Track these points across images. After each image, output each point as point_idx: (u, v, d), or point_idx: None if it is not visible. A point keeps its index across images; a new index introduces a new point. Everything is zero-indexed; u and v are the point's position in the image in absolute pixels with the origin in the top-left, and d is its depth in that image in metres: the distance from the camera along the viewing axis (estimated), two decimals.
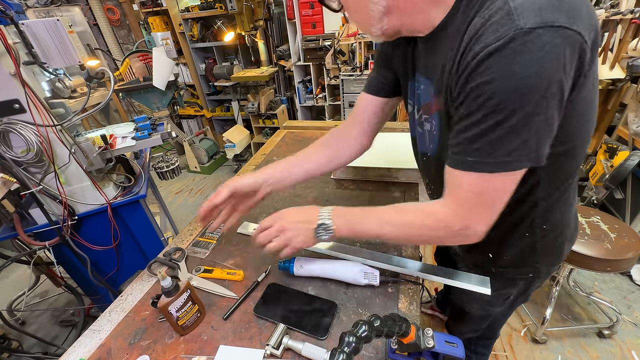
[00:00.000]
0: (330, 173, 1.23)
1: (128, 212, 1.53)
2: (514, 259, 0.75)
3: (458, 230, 0.57)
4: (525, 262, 0.75)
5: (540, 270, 0.77)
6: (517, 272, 0.78)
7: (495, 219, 0.55)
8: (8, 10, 1.16)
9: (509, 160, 0.49)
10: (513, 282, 0.80)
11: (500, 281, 0.78)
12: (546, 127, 0.48)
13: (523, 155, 0.49)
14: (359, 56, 2.65)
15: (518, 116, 0.45)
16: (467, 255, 0.85)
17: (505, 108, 0.45)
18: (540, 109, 0.45)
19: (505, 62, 0.43)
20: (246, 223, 1.01)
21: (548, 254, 0.75)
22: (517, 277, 0.79)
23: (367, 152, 0.94)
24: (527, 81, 0.43)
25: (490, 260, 0.77)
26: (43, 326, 2.07)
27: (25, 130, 1.15)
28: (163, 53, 2.62)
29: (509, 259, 0.75)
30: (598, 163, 2.16)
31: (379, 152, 1.19)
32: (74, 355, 0.69)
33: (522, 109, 0.45)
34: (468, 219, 0.56)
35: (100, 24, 3.84)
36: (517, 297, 0.85)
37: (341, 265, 0.78)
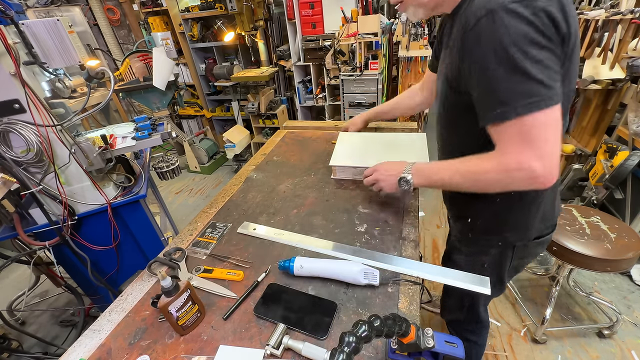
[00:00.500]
0: (330, 173, 1.24)
1: (128, 212, 1.53)
2: (487, 226, 0.89)
3: (514, 170, 0.64)
4: (496, 230, 0.88)
5: (508, 241, 0.88)
6: (489, 239, 0.90)
7: (548, 158, 0.61)
8: (8, 10, 1.16)
9: (528, 102, 0.59)
10: (485, 250, 0.93)
11: (473, 246, 0.95)
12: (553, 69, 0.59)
13: (542, 95, 0.58)
14: (359, 56, 2.65)
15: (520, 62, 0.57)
16: (455, 224, 1.01)
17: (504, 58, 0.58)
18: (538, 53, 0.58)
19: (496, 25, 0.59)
20: (246, 223, 1.01)
21: (517, 227, 0.86)
22: (488, 244, 0.91)
23: (367, 151, 1.21)
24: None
25: (468, 226, 0.92)
26: (43, 326, 2.07)
27: (25, 130, 1.15)
28: (163, 53, 2.62)
29: (483, 225, 0.89)
30: (598, 163, 2.16)
31: (379, 152, 1.20)
32: (74, 355, 0.69)
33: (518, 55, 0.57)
34: (519, 160, 0.63)
35: (100, 24, 3.85)
36: (490, 268, 0.95)
37: (341, 265, 0.78)
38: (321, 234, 0.95)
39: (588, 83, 2.15)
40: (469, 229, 0.93)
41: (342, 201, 1.09)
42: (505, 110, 0.61)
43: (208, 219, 1.07)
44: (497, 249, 0.91)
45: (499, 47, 0.58)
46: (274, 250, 0.91)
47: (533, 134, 0.60)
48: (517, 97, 0.59)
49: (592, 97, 2.45)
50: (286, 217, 1.04)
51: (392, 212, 1.01)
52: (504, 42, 0.57)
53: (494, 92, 0.62)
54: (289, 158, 1.42)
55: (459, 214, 0.97)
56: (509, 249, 0.90)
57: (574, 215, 1.58)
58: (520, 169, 0.63)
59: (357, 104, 2.87)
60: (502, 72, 0.59)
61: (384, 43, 2.72)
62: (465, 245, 1.00)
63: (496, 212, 0.85)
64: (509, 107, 0.60)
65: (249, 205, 1.12)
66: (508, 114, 0.61)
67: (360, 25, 2.57)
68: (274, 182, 1.25)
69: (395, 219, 0.98)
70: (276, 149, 1.53)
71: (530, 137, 0.61)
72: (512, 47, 0.57)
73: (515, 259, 0.92)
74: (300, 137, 1.62)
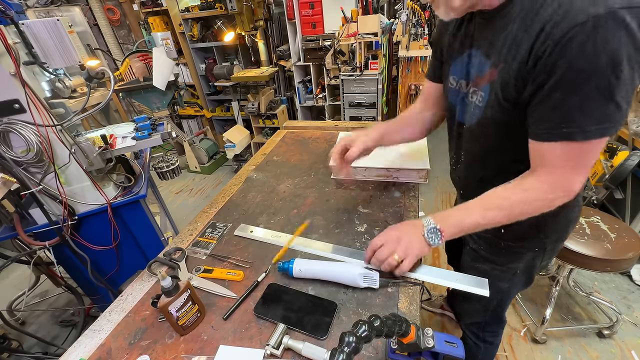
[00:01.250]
0: (330, 173, 1.24)
1: (128, 212, 1.53)
2: (523, 232, 0.81)
3: (561, 192, 0.62)
4: (533, 235, 0.81)
5: (545, 245, 0.83)
6: (523, 245, 0.84)
7: (586, 178, 0.61)
8: (8, 10, 1.16)
9: (599, 127, 0.54)
10: (519, 256, 0.86)
11: (506, 255, 0.87)
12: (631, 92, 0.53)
13: (614, 122, 0.54)
14: (359, 56, 2.65)
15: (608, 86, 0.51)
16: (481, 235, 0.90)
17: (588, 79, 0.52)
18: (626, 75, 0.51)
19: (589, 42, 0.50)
20: (243, 225, 1.01)
21: (555, 230, 0.81)
22: (523, 251, 0.85)
23: None
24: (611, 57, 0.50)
25: (499, 235, 0.83)
26: (43, 326, 2.07)
27: (25, 130, 1.15)
28: (163, 53, 2.63)
29: (518, 233, 0.81)
30: (598, 163, 2.16)
31: (378, 152, 1.19)
32: (74, 355, 0.69)
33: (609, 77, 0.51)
34: (566, 185, 0.61)
35: (100, 24, 3.85)
36: (522, 273, 0.90)
37: (340, 267, 0.78)
38: (321, 234, 0.95)
39: None
40: (500, 237, 0.84)
41: (342, 201, 1.09)
42: (573, 132, 0.55)
43: (208, 219, 1.07)
44: (532, 253, 0.86)
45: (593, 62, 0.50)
46: (274, 251, 0.91)
47: (587, 158, 0.58)
48: (591, 120, 0.54)
49: None
50: (286, 217, 1.04)
51: (392, 212, 1.01)
52: (600, 56, 0.50)
53: (567, 109, 0.55)
54: (289, 158, 1.42)
55: None
56: (542, 251, 0.86)
57: None
58: (566, 191, 0.62)
59: (357, 104, 2.87)
60: (586, 90, 0.53)
61: (384, 43, 2.72)
62: (493, 254, 0.90)
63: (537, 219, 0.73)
64: (578, 128, 0.55)
65: (249, 205, 1.12)
66: (575, 135, 0.55)
67: (360, 25, 2.57)
68: (274, 182, 1.25)
69: (395, 219, 0.98)
70: (276, 149, 1.53)
71: (584, 161, 0.59)
72: (608, 63, 0.50)
73: (545, 259, 0.90)
74: (300, 137, 1.62)
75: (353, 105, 2.89)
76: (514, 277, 0.91)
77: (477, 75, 0.70)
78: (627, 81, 0.51)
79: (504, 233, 0.83)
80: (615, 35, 0.48)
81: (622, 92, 0.52)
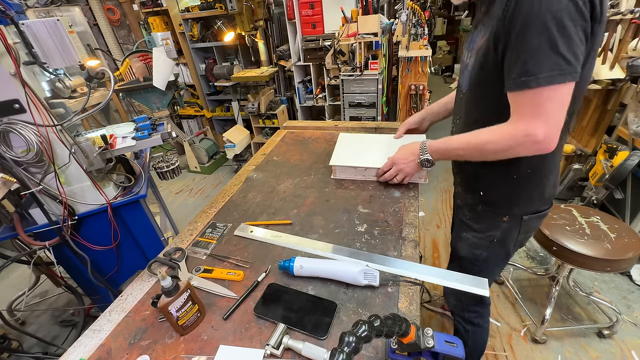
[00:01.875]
0: (330, 173, 1.24)
1: (128, 212, 1.53)
2: (498, 199, 0.94)
3: (522, 137, 0.72)
4: (505, 203, 0.94)
5: (516, 214, 0.94)
6: (498, 212, 0.96)
7: (553, 127, 0.70)
8: (8, 10, 1.16)
9: (548, 75, 0.65)
10: (497, 224, 0.97)
11: (485, 222, 1.00)
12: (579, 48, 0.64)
13: (564, 71, 0.64)
14: (359, 56, 2.65)
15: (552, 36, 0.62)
16: (465, 195, 1.05)
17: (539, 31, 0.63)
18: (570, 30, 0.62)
19: None
20: (243, 225, 1.01)
21: (525, 201, 0.92)
22: (499, 219, 0.96)
23: (367, 152, 1.22)
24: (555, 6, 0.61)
25: (480, 199, 0.97)
26: (43, 326, 2.07)
27: (25, 130, 1.15)
28: (163, 53, 2.63)
29: (494, 198, 0.95)
30: (598, 163, 2.16)
31: (378, 152, 1.20)
32: (74, 355, 0.69)
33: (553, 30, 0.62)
34: (528, 127, 0.71)
35: (100, 24, 3.85)
36: (499, 242, 1.00)
37: (341, 265, 0.78)
38: (321, 234, 0.95)
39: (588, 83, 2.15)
40: (480, 201, 0.98)
41: (342, 201, 1.09)
42: (529, 80, 0.67)
43: (208, 219, 1.07)
44: (507, 224, 0.96)
45: (539, 18, 0.62)
46: (274, 250, 0.91)
47: (546, 105, 0.68)
48: (542, 69, 0.65)
49: (592, 97, 2.45)
50: (286, 217, 1.04)
51: (392, 212, 1.01)
52: (545, 14, 0.62)
53: (523, 61, 0.67)
54: (289, 158, 1.42)
55: (472, 187, 1.00)
56: (517, 222, 0.95)
57: (574, 215, 1.58)
58: (526, 135, 0.71)
59: (357, 104, 2.87)
60: (536, 43, 0.64)
61: (384, 43, 2.72)
62: (475, 221, 1.03)
63: (507, 186, 0.90)
64: (532, 77, 0.66)
65: (249, 205, 1.12)
66: (530, 82, 0.67)
67: (360, 25, 2.57)
68: (274, 182, 1.25)
69: (395, 219, 0.98)
70: (276, 149, 1.53)
71: (543, 108, 0.69)
72: (552, 20, 0.62)
73: (521, 232, 0.97)
74: (300, 137, 1.62)
75: (353, 105, 2.89)
76: (492, 245, 1.02)
77: (474, 45, 0.83)
78: (571, 37, 0.63)
79: (482, 195, 0.96)
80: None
81: (566, 45, 0.63)
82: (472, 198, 1.00)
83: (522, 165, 0.84)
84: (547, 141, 0.71)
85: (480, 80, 0.82)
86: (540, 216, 0.96)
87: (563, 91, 0.67)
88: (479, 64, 0.80)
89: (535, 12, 0.63)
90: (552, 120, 0.70)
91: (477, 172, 0.95)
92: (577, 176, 2.44)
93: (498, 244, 1.00)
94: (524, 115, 0.72)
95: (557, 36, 0.63)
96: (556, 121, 0.70)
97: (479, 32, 0.81)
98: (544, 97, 0.68)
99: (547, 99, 0.68)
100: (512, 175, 0.88)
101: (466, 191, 1.04)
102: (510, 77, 0.70)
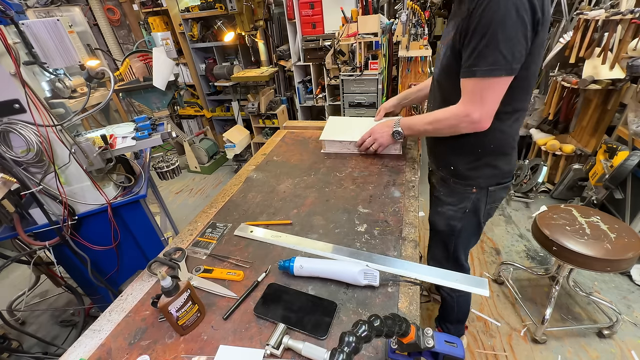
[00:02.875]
0: (331, 174, 1.24)
1: (128, 212, 1.53)
2: (465, 173, 1.08)
3: (462, 117, 0.90)
4: (472, 175, 1.07)
5: (481, 186, 1.08)
6: (467, 184, 1.09)
7: (487, 111, 0.87)
8: (8, 10, 1.16)
9: (490, 68, 0.80)
10: (467, 197, 1.11)
11: (457, 196, 1.14)
12: (517, 48, 0.78)
13: (501, 66, 0.80)
14: (359, 56, 2.65)
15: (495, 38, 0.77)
16: (438, 171, 1.19)
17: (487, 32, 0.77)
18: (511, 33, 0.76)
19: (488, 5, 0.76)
20: (243, 225, 1.01)
21: (488, 173, 1.06)
22: (469, 190, 1.10)
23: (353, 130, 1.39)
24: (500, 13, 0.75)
25: (451, 173, 1.11)
26: (43, 326, 2.07)
27: (25, 130, 1.15)
28: (163, 53, 2.63)
29: (462, 173, 1.08)
30: (598, 163, 2.16)
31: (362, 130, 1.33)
32: (74, 355, 0.69)
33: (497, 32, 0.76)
34: (467, 109, 0.89)
35: (100, 24, 3.85)
36: (470, 212, 1.13)
37: (341, 265, 0.78)
38: (321, 234, 0.95)
39: (588, 83, 2.15)
40: (451, 175, 1.12)
41: (342, 201, 1.09)
42: (475, 70, 0.82)
43: (208, 219, 1.07)
44: (475, 195, 1.10)
45: (489, 21, 0.76)
46: (274, 250, 0.91)
47: (483, 93, 0.85)
48: (485, 62, 0.80)
49: (592, 97, 2.45)
50: (286, 217, 1.04)
51: (392, 212, 1.01)
52: (492, 18, 0.76)
53: (474, 55, 0.82)
54: (289, 158, 1.42)
55: (444, 164, 1.14)
56: (484, 194, 1.10)
57: (574, 215, 1.58)
58: (466, 116, 0.89)
59: (357, 104, 2.87)
60: (484, 41, 0.79)
61: (384, 43, 2.72)
62: (448, 195, 1.17)
63: (473, 160, 1.05)
64: (477, 68, 0.82)
65: (249, 205, 1.12)
66: (475, 72, 0.83)
67: (360, 25, 2.57)
68: (274, 182, 1.25)
69: (395, 219, 0.98)
70: (276, 149, 1.53)
71: (481, 95, 0.85)
72: (495, 23, 0.76)
73: (488, 202, 1.12)
74: (300, 137, 1.62)
75: (353, 105, 2.89)
76: (465, 216, 1.15)
77: (446, 38, 0.96)
78: (511, 38, 0.77)
79: (453, 169, 1.10)
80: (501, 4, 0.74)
81: (506, 46, 0.77)
82: (445, 173, 1.14)
83: (485, 142, 1.00)
84: (482, 122, 0.88)
85: (447, 69, 0.96)
86: (504, 187, 1.10)
87: (500, 83, 0.83)
88: (447, 56, 0.93)
89: (487, 16, 0.76)
90: (487, 106, 0.86)
91: (447, 149, 1.10)
92: (577, 176, 2.45)
93: (470, 214, 1.14)
94: (467, 99, 0.88)
95: (500, 38, 0.77)
96: (490, 107, 0.87)
97: (450, 28, 0.95)
98: (483, 85, 0.84)
99: (486, 88, 0.84)
100: (477, 150, 1.02)
101: (438, 167, 1.18)
102: (464, 65, 0.86)
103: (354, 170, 1.26)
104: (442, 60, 0.98)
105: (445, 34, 0.99)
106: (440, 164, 1.16)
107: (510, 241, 2.32)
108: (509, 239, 2.34)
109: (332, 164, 1.32)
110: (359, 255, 0.84)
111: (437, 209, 1.23)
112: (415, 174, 1.21)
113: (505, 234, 2.40)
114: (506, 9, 0.74)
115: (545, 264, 2.11)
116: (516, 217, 2.55)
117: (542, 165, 2.56)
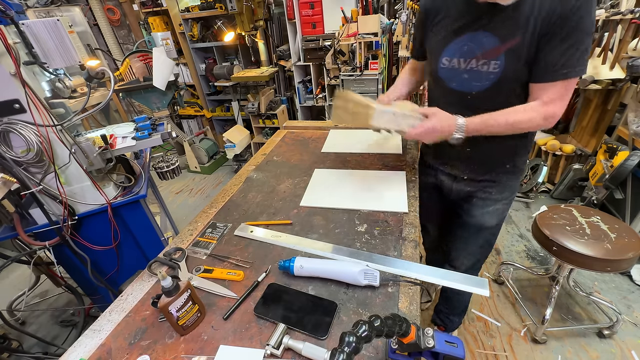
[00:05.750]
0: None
1: (128, 212, 1.53)
2: (522, 167, 1.11)
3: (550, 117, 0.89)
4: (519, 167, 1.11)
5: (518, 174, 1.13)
6: (514, 177, 1.12)
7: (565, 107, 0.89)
8: (8, 10, 1.16)
9: (581, 68, 0.83)
10: (515, 187, 1.16)
11: (508, 190, 1.15)
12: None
13: (585, 66, 0.83)
14: (359, 56, 2.65)
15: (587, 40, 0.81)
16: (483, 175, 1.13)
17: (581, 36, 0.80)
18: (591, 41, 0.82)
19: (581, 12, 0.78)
20: (243, 225, 1.01)
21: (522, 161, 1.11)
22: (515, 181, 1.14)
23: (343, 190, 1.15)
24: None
25: (505, 171, 1.10)
26: (43, 326, 2.07)
27: (25, 130, 1.15)
28: (163, 53, 2.62)
29: (520, 167, 1.11)
30: (598, 163, 2.16)
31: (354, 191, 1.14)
32: (74, 355, 0.69)
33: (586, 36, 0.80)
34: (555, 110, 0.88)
35: (100, 24, 3.84)
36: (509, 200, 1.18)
37: (341, 265, 0.78)
38: (321, 234, 0.95)
39: (588, 83, 2.15)
40: (505, 172, 1.11)
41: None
42: (566, 72, 0.83)
43: (208, 219, 1.07)
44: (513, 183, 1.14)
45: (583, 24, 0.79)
46: (274, 250, 0.91)
47: (569, 93, 0.87)
48: (578, 63, 0.82)
49: (592, 97, 2.45)
50: (286, 217, 1.04)
51: (392, 212, 1.01)
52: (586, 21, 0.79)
53: (568, 57, 0.82)
54: (289, 158, 1.42)
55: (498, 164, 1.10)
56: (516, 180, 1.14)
57: (574, 215, 1.58)
58: (552, 116, 0.88)
59: None
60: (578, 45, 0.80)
61: (384, 43, 2.72)
62: (500, 192, 1.15)
63: (525, 153, 1.09)
64: (569, 70, 0.83)
65: (249, 205, 1.12)
66: (566, 74, 0.83)
67: (360, 25, 2.57)
68: (274, 182, 1.25)
69: (395, 219, 0.98)
70: (276, 149, 1.53)
71: (567, 95, 0.87)
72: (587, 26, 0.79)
73: None
74: (300, 137, 1.62)
75: None
76: (509, 205, 1.20)
77: (484, 51, 0.90)
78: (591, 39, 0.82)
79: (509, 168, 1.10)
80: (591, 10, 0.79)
81: (589, 46, 0.82)
82: (496, 173, 1.12)
83: (528, 135, 1.05)
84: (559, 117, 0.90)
85: (511, 80, 0.91)
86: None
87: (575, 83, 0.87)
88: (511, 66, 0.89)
89: (584, 20, 0.78)
90: (565, 103, 0.89)
91: (509, 149, 1.07)
92: (577, 176, 2.44)
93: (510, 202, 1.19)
94: (553, 99, 0.87)
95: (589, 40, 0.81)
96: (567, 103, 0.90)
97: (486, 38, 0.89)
98: (569, 86, 0.86)
99: (570, 88, 0.87)
100: (526, 145, 1.07)
101: (486, 172, 1.12)
102: (551, 68, 0.84)
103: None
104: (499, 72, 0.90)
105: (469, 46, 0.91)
106: (493, 166, 1.10)
107: (511, 241, 2.32)
108: (509, 239, 2.34)
109: (332, 164, 1.32)
110: (359, 255, 0.84)
111: (488, 209, 1.18)
112: (415, 174, 1.21)
113: (506, 234, 2.40)
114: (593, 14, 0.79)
115: (545, 264, 2.11)
116: (516, 217, 2.55)
117: (542, 165, 2.56)
